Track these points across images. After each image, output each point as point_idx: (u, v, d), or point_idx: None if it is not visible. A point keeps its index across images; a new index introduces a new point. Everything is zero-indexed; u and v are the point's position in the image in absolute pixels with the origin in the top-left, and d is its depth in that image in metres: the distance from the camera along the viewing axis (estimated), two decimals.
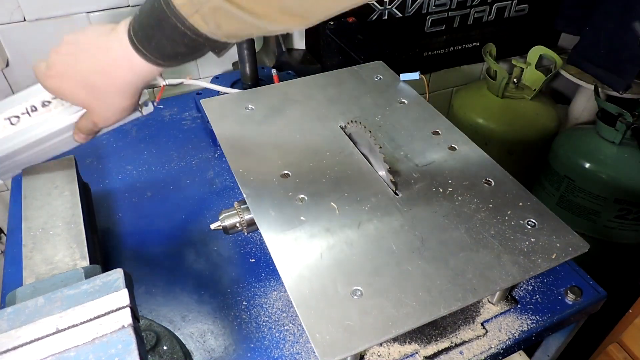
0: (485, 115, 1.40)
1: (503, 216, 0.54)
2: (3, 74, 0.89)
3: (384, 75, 0.79)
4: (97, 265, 0.47)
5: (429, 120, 0.69)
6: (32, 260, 0.47)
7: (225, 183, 0.77)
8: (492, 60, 1.37)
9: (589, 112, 1.52)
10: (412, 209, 0.55)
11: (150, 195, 0.75)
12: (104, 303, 0.36)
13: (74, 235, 0.50)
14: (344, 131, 0.66)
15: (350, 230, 0.52)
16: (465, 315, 0.57)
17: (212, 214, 0.71)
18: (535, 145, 1.43)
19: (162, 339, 0.51)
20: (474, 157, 0.62)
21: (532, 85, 1.40)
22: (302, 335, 0.55)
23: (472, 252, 0.50)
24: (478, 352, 0.54)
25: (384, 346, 0.53)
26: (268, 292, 0.60)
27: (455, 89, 1.55)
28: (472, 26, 1.36)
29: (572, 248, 0.50)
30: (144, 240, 0.68)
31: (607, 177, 1.24)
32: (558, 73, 1.48)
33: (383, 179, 0.58)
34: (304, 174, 0.59)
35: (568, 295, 0.59)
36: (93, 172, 0.79)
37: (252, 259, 0.65)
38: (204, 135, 0.88)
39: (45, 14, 0.85)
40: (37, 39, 0.87)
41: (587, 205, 1.31)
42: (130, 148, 0.85)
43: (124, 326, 0.35)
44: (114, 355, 0.33)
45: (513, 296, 0.59)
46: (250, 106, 0.70)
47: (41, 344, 0.34)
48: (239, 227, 0.58)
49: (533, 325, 0.56)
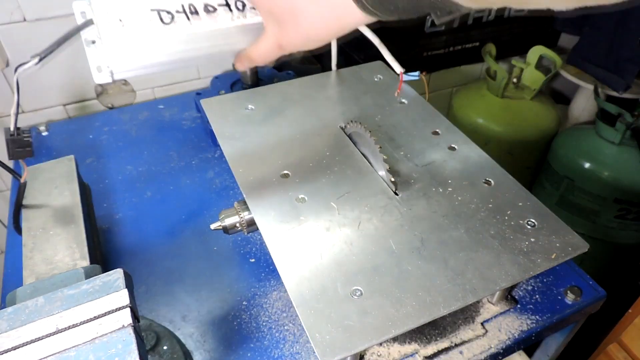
0: (485, 115, 1.40)
1: (503, 216, 0.54)
2: (3, 74, 0.89)
3: (384, 75, 0.79)
4: (97, 265, 0.47)
5: (429, 120, 0.69)
6: (32, 260, 0.47)
7: (225, 183, 0.78)
8: (492, 60, 1.37)
9: (589, 112, 1.52)
10: (412, 208, 0.55)
11: (150, 195, 0.75)
12: (104, 303, 0.36)
13: (74, 235, 0.50)
14: (344, 131, 0.66)
15: (350, 230, 0.52)
16: (465, 315, 0.57)
17: (212, 214, 0.72)
18: (535, 145, 1.43)
19: (162, 339, 0.51)
20: (473, 157, 0.62)
21: (532, 85, 1.40)
22: (302, 335, 0.55)
23: (472, 252, 0.50)
24: (478, 352, 0.54)
25: (383, 346, 0.53)
26: (268, 292, 0.60)
27: (455, 89, 1.55)
28: (472, 26, 1.36)
29: (572, 248, 0.50)
30: (144, 240, 0.68)
31: (607, 177, 1.24)
32: (558, 73, 1.48)
33: (383, 179, 0.58)
34: (304, 174, 0.59)
35: (568, 295, 0.59)
36: (93, 172, 0.79)
37: (252, 259, 0.65)
38: (204, 135, 0.88)
39: (45, 14, 0.85)
40: (37, 39, 0.87)
41: (587, 205, 1.31)
42: (130, 148, 0.85)
43: (124, 326, 0.35)
44: (114, 355, 0.33)
45: (513, 296, 0.59)
46: (250, 106, 0.70)
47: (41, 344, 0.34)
48: (239, 227, 0.58)
49: (533, 325, 0.56)
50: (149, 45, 0.41)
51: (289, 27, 0.41)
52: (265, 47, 0.44)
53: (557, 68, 1.39)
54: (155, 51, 0.42)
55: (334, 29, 0.40)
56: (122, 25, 0.40)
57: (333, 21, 0.39)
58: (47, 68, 0.91)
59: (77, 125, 0.91)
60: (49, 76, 0.92)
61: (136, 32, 0.40)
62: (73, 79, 0.95)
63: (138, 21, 0.40)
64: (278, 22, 0.41)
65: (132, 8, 0.40)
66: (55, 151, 0.84)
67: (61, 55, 0.91)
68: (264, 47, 0.44)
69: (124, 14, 0.40)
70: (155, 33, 0.41)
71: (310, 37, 0.41)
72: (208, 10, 0.43)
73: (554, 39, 1.57)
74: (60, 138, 0.88)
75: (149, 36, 0.41)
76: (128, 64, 0.42)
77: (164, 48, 0.42)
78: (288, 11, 0.40)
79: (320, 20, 0.39)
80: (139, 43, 0.41)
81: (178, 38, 0.42)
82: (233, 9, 0.44)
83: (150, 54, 0.42)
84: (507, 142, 1.40)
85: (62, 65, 0.92)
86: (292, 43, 0.43)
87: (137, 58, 0.41)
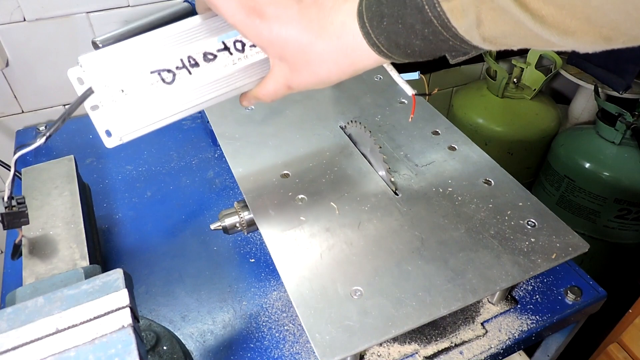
0: (485, 115, 1.40)
1: (503, 216, 0.54)
2: (3, 74, 0.89)
3: (384, 75, 0.79)
4: (97, 265, 0.47)
5: (429, 120, 0.69)
6: (32, 260, 0.47)
7: (225, 183, 0.77)
8: (492, 60, 1.37)
9: (589, 112, 1.52)
10: (412, 209, 0.55)
11: (150, 195, 0.75)
12: (104, 303, 0.36)
13: (74, 235, 0.50)
14: (344, 131, 0.66)
15: (350, 230, 0.52)
16: (465, 315, 0.57)
17: (212, 214, 0.71)
18: (535, 145, 1.43)
19: (162, 339, 0.51)
20: (473, 157, 0.62)
21: (532, 85, 1.40)
22: (302, 335, 0.55)
23: (472, 252, 0.50)
24: (478, 352, 0.54)
25: (383, 346, 0.53)
26: (268, 292, 0.60)
27: (455, 89, 1.55)
28: None
29: (572, 248, 0.50)
30: (144, 240, 0.68)
31: (607, 177, 1.24)
32: (558, 73, 1.48)
33: (383, 179, 0.58)
34: (304, 174, 0.59)
35: (568, 295, 0.59)
36: (93, 172, 0.79)
37: (252, 259, 0.65)
38: (204, 135, 0.88)
39: (45, 14, 0.85)
40: (37, 39, 0.87)
41: (587, 205, 1.31)
42: (130, 148, 0.85)
43: (123, 326, 0.35)
44: (113, 355, 0.33)
45: (513, 296, 0.59)
46: (250, 106, 0.70)
47: (41, 344, 0.34)
48: (239, 227, 0.58)
49: (533, 325, 0.56)
50: (154, 107, 0.41)
51: (300, 71, 0.40)
52: (274, 88, 0.43)
53: (557, 68, 1.39)
54: (162, 111, 0.41)
55: (347, 72, 0.39)
56: (125, 95, 0.39)
57: (347, 66, 0.39)
58: (47, 68, 0.91)
59: (77, 125, 0.91)
60: (49, 76, 0.92)
61: (140, 98, 0.40)
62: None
63: (140, 87, 0.39)
64: (289, 65, 0.40)
65: (132, 75, 0.39)
66: (55, 151, 0.84)
67: (61, 56, 0.91)
68: (272, 88, 0.43)
69: (125, 83, 0.39)
70: (160, 95, 0.40)
71: (322, 80, 0.41)
72: (208, 58, 0.42)
73: None
74: (60, 138, 0.88)
75: (154, 99, 0.40)
76: (136, 128, 0.41)
77: (170, 106, 0.42)
78: (300, 57, 0.39)
79: (334, 65, 0.39)
80: (145, 108, 0.40)
81: (183, 93, 0.41)
82: (233, 51, 0.42)
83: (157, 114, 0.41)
84: (507, 142, 1.40)
85: (62, 65, 0.92)
86: (303, 85, 0.41)
87: (144, 120, 0.41)
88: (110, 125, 0.40)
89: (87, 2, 0.87)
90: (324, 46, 0.38)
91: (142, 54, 0.40)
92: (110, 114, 0.39)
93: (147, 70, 0.40)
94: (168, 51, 0.40)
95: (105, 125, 0.40)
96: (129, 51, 0.39)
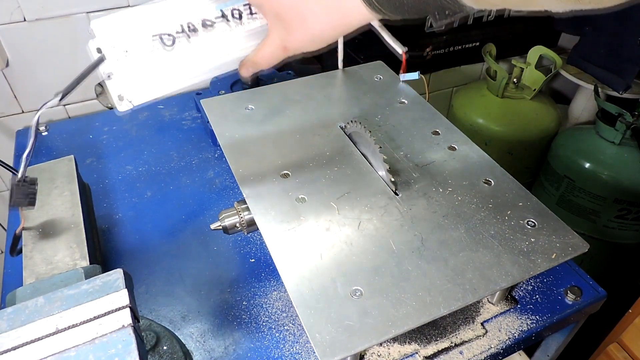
0: (485, 115, 1.40)
1: (503, 216, 0.54)
2: (3, 74, 0.89)
3: (384, 75, 0.79)
4: (97, 265, 0.47)
5: (429, 120, 0.69)
6: (32, 260, 0.47)
7: (225, 183, 0.78)
8: (492, 60, 1.37)
9: (589, 112, 1.53)
10: (412, 208, 0.55)
11: (150, 195, 0.75)
12: (104, 303, 0.36)
13: (74, 235, 0.50)
14: (344, 131, 0.66)
15: (350, 230, 0.52)
16: (465, 315, 0.57)
17: (212, 214, 0.71)
18: (535, 145, 1.43)
19: (162, 339, 0.51)
20: (473, 157, 0.62)
21: (532, 85, 1.40)
22: (302, 335, 0.55)
23: (472, 252, 0.50)
24: (478, 352, 0.54)
25: (383, 346, 0.53)
26: (268, 292, 0.60)
27: (455, 89, 1.55)
28: (472, 26, 1.36)
29: (572, 248, 0.50)
30: (144, 240, 0.68)
31: (607, 177, 1.24)
32: (558, 73, 1.48)
33: (383, 179, 0.58)
34: (304, 174, 0.59)
35: (568, 295, 0.59)
36: (93, 172, 0.79)
37: (252, 259, 0.65)
38: (204, 135, 0.88)
39: (45, 14, 0.85)
40: (37, 39, 0.87)
41: (587, 205, 1.31)
42: (130, 148, 0.85)
43: (123, 326, 0.35)
44: (114, 355, 0.33)
45: (513, 296, 0.59)
46: (250, 106, 0.70)
47: (41, 344, 0.34)
48: (239, 227, 0.58)
49: (533, 325, 0.56)
50: (156, 71, 0.43)
51: (295, 28, 0.41)
52: (270, 50, 0.44)
53: (557, 68, 1.39)
54: (164, 75, 0.44)
55: (339, 28, 0.41)
56: (129, 55, 0.42)
57: (339, 20, 0.40)
58: (47, 68, 0.91)
59: (77, 125, 0.91)
60: (49, 76, 0.92)
61: (142, 59, 0.42)
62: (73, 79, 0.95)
63: (142, 49, 0.42)
64: (284, 23, 0.42)
65: (135, 38, 0.42)
66: (55, 151, 0.84)
67: (61, 56, 0.91)
68: (268, 51, 0.44)
69: (129, 45, 0.42)
70: (161, 58, 0.43)
71: (316, 37, 0.42)
72: (206, 25, 0.44)
73: (554, 39, 1.57)
74: (60, 138, 0.88)
75: (156, 62, 0.43)
76: (141, 91, 0.43)
77: (172, 71, 0.44)
78: (295, 11, 0.40)
79: (326, 18, 0.40)
80: (148, 70, 0.43)
81: (183, 59, 0.44)
82: (230, 19, 0.45)
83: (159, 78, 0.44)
84: (507, 142, 1.40)
85: (62, 65, 0.92)
86: (298, 44, 0.43)
87: (147, 85, 0.43)
88: (121, 89, 0.43)
89: (87, 2, 0.87)
90: (317, 1, 0.39)
91: (146, 19, 0.43)
92: (119, 78, 0.42)
93: (149, 33, 0.42)
94: (169, 17, 0.43)
95: (117, 90, 0.43)
96: (135, 16, 0.42)
